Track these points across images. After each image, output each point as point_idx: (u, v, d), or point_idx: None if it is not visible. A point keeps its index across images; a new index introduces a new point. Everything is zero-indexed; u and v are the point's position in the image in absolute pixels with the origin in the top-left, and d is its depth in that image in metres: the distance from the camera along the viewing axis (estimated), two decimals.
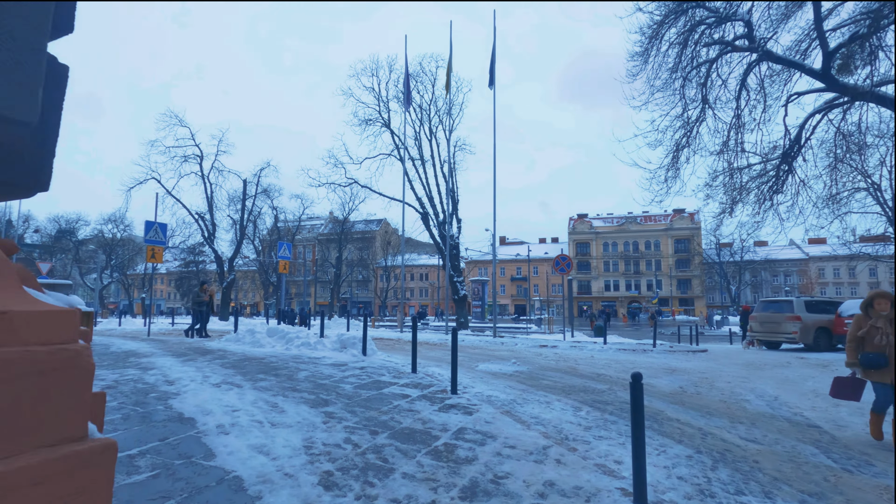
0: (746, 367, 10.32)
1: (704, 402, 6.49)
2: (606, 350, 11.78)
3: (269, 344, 9.19)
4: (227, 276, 31.80)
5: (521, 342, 13.13)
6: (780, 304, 14.49)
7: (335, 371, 6.78)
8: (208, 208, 31.16)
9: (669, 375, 8.62)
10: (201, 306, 14.33)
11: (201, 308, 14.31)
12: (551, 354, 10.85)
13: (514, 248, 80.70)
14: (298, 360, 7.62)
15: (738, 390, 7.52)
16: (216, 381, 5.73)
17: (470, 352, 11.09)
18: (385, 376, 6.51)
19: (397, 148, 24.97)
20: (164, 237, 12.67)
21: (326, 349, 8.56)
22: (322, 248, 75.73)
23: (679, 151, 12.08)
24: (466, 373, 7.64)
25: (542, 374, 7.98)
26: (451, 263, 25.00)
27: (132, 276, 76.57)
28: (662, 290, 75.94)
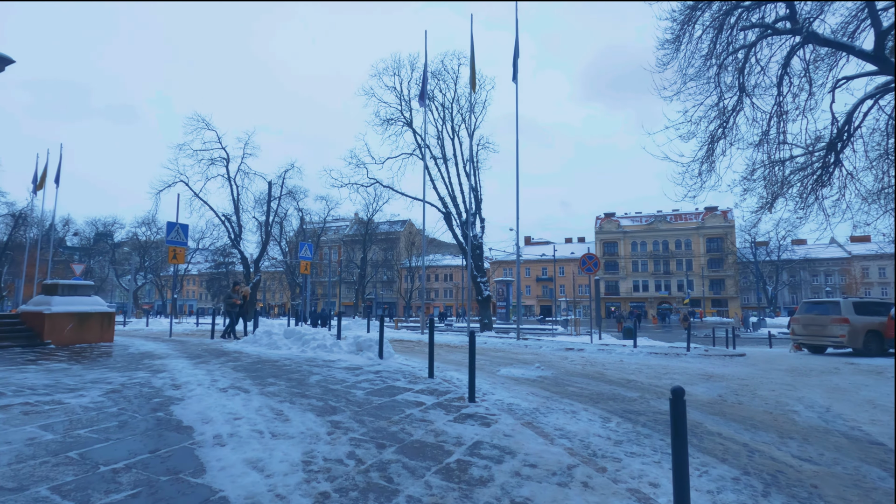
0: (791, 374, 9.59)
1: (748, 412, 5.92)
2: (636, 354, 11.18)
3: (285, 346, 9.00)
4: (252, 277, 32.18)
5: (546, 345, 12.63)
6: (826, 306, 13.55)
7: (348, 375, 6.49)
8: (234, 210, 31.62)
9: (706, 382, 8.03)
10: (233, 307, 13.86)
11: (234, 309, 13.84)
12: (577, 358, 10.34)
13: (539, 249, 79.66)
14: (312, 364, 7.37)
15: (785, 399, 6.90)
16: (224, 386, 5.51)
17: (492, 355, 10.68)
18: (400, 382, 6.18)
19: (419, 147, 24.72)
20: (185, 238, 12.71)
21: (342, 352, 8.30)
22: (347, 250, 76.38)
23: (714, 143, 11.39)
24: (486, 378, 7.25)
25: (568, 379, 7.52)
26: (474, 263, 24.60)
27: (165, 278, 78.93)
28: (694, 290, 73.66)
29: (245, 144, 31.85)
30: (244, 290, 14.77)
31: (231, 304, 13.83)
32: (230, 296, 14.19)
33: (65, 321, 9.23)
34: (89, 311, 9.72)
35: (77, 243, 73.68)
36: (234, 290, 14.49)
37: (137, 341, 11.12)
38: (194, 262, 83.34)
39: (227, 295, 14.35)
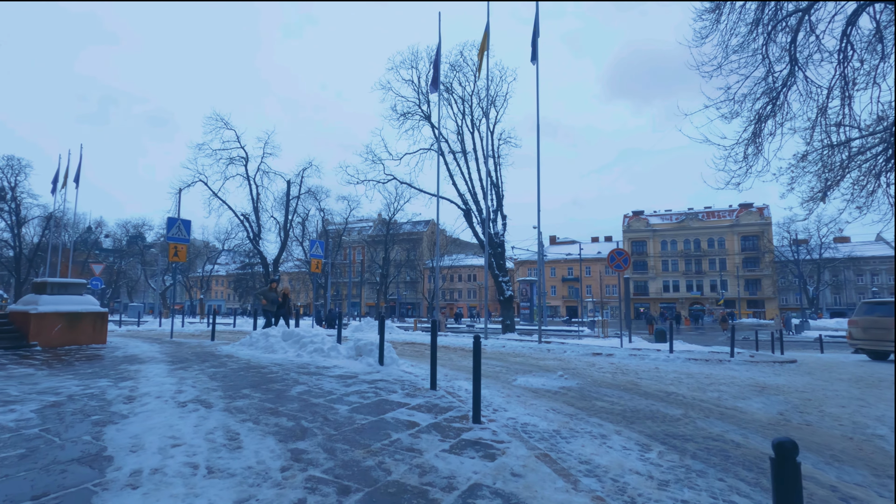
0: (857, 385, 8.27)
1: (821, 437, 4.78)
2: (673, 360, 9.99)
3: (281, 349, 8.22)
4: (272, 276, 31.88)
5: (571, 349, 11.53)
6: (890, 307, 12.01)
7: (338, 385, 5.62)
8: (253, 209, 31.41)
9: (760, 395, 6.84)
10: (273, 304, 12.46)
11: (272, 308, 12.44)
12: (606, 365, 9.24)
13: (564, 248, 77.80)
14: (303, 370, 6.53)
15: (861, 419, 5.69)
16: (186, 399, 4.70)
17: (510, 360, 9.67)
18: (395, 394, 5.26)
19: (437, 141, 23.83)
20: (187, 235, 12.14)
21: (340, 357, 7.45)
22: (370, 250, 76.21)
23: (762, 122, 10.09)
24: (500, 389, 6.27)
25: (596, 391, 6.47)
26: (495, 262, 23.58)
27: (193, 279, 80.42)
28: (728, 290, 70.62)
29: (265, 144, 31.63)
30: (284, 288, 13.61)
31: (272, 301, 12.49)
32: (266, 294, 12.74)
33: (53, 321, 8.69)
34: (80, 311, 9.17)
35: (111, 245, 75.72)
36: (271, 287, 13.07)
37: (134, 343, 10.57)
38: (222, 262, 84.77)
39: (262, 293, 12.92)
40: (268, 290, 12.92)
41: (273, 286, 13.04)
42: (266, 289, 13.08)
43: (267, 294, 12.78)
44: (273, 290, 12.91)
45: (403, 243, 75.13)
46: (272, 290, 12.89)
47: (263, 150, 31.63)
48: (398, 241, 70.85)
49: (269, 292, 12.80)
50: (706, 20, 10.74)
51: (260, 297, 12.76)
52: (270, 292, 12.80)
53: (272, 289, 12.95)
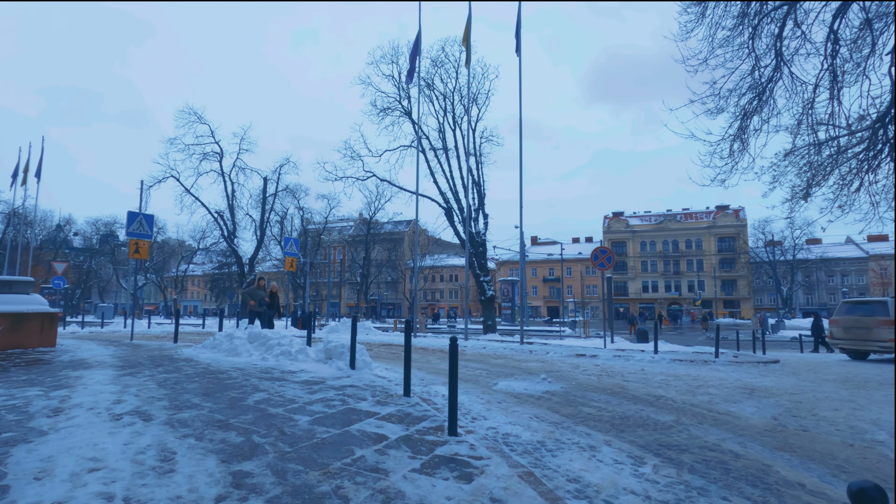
0: (845, 386, 8.09)
1: (822, 445, 4.47)
2: (658, 361, 9.71)
3: (246, 352, 7.64)
4: (247, 276, 30.96)
5: (554, 350, 11.18)
6: (872, 306, 11.99)
7: (302, 392, 5.10)
8: (228, 206, 30.46)
9: (751, 398, 6.56)
10: (261, 304, 11.33)
11: (261, 308, 11.31)
12: (591, 367, 8.89)
13: (546, 248, 78.04)
14: (266, 375, 5.99)
15: (857, 423, 5.43)
16: (123, 411, 4.14)
17: (491, 362, 9.26)
18: (365, 402, 4.78)
19: (418, 138, 23.35)
20: (150, 230, 11.39)
21: (309, 360, 6.92)
22: (351, 250, 75.22)
23: (747, 118, 9.89)
24: (480, 394, 5.84)
25: (582, 395, 6.09)
26: (477, 262, 23.20)
27: (168, 278, 78.19)
28: (705, 291, 71.71)
29: (241, 140, 30.74)
30: (272, 286, 12.40)
31: (260, 301, 11.35)
32: (252, 293, 11.50)
33: None
34: (26, 312, 8.42)
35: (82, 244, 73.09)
36: (258, 285, 11.89)
37: (88, 346, 9.82)
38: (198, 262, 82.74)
39: (249, 292, 11.62)
40: (254, 289, 11.77)
41: (260, 283, 11.98)
42: (252, 287, 11.95)
43: (254, 293, 11.58)
44: (261, 288, 11.80)
45: (385, 243, 74.32)
46: (259, 288, 11.81)
47: (239, 145, 30.76)
48: (379, 241, 70.08)
49: (256, 290, 11.68)
50: (691, 13, 10.51)
51: (246, 296, 11.76)
52: (258, 290, 11.69)
53: (259, 286, 11.87)
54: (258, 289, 11.66)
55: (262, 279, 12.21)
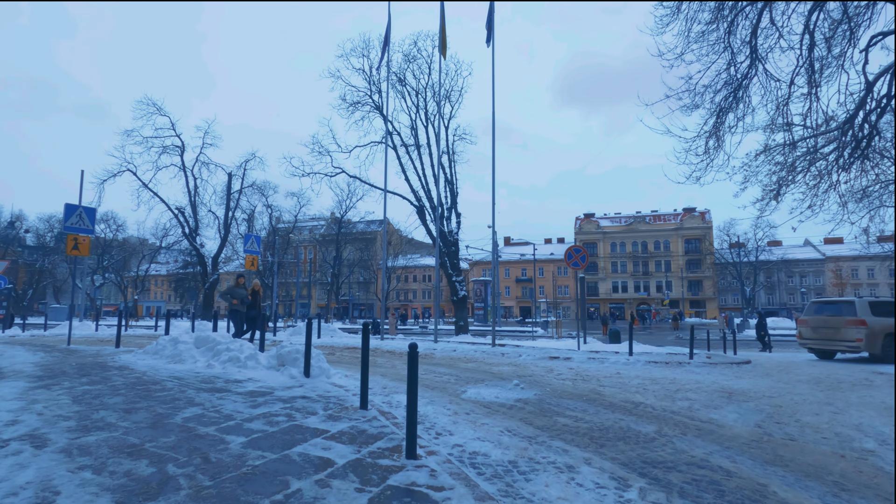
0: (819, 388, 7.94)
1: (813, 457, 4.13)
2: (633, 363, 9.41)
3: (190, 358, 6.92)
4: (210, 276, 29.64)
5: (527, 352, 10.77)
6: (839, 306, 12.06)
7: (244, 406, 4.48)
8: (190, 203, 29.05)
9: (731, 403, 6.26)
10: (244, 304, 10.26)
11: (243, 308, 10.22)
12: (565, 370, 8.50)
13: (518, 249, 78.31)
14: (205, 386, 5.33)
15: (843, 430, 5.17)
16: (14, 435, 3.45)
17: (461, 367, 8.76)
18: (314, 417, 4.20)
19: (389, 134, 22.72)
20: (91, 224, 10.41)
21: (259, 367, 6.27)
22: (322, 250, 73.69)
23: (723, 115, 9.72)
24: (447, 405, 5.32)
25: (557, 404, 5.65)
26: (449, 261, 22.73)
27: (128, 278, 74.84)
28: (673, 291, 73.29)
29: (205, 133, 29.40)
30: (254, 283, 11.07)
31: (243, 300, 10.22)
32: (233, 291, 10.27)
33: None
34: None
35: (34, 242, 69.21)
36: (238, 283, 10.66)
37: (14, 352, 8.84)
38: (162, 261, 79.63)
39: (230, 291, 10.34)
40: (235, 287, 10.60)
41: (240, 282, 10.78)
42: (233, 285, 10.72)
43: (235, 291, 10.36)
44: (241, 287, 10.60)
45: (357, 243, 73.02)
46: (240, 286, 10.62)
47: (203, 139, 29.41)
48: (351, 241, 68.82)
49: (237, 289, 10.49)
50: (667, 8, 10.29)
51: (227, 296, 10.36)
52: (238, 289, 10.51)
53: (240, 284, 10.70)
54: (238, 287, 10.57)
55: (242, 277, 10.98)
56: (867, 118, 8.54)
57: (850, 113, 9.21)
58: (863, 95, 8.84)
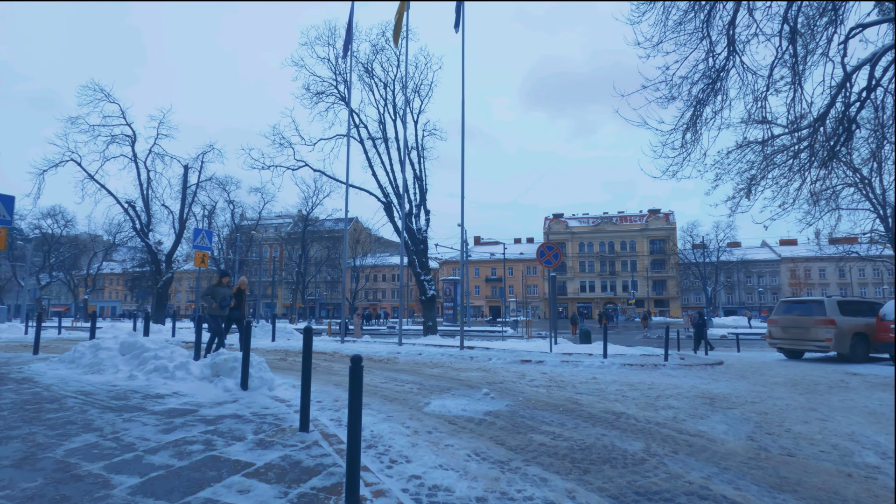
0: (798, 391, 7.65)
1: (819, 477, 3.64)
2: (608, 366, 8.95)
3: (112, 367, 5.97)
4: (164, 274, 27.91)
5: (497, 355, 10.18)
6: (809, 306, 12.00)
7: (153, 431, 3.66)
8: (142, 196, 27.24)
9: (714, 411, 5.81)
10: (224, 308, 8.95)
11: (223, 312, 8.95)
12: (538, 375, 7.93)
13: (488, 248, 78.19)
14: (115, 404, 4.45)
15: (837, 440, 4.75)
16: None
17: (425, 373, 8.06)
18: (240, 443, 3.42)
19: (356, 127, 21.81)
20: (8, 215, 9.18)
21: (190, 378, 5.40)
22: (287, 247, 71.58)
23: (700, 107, 9.38)
24: (406, 421, 4.62)
25: (532, 416, 5.03)
26: (417, 260, 21.99)
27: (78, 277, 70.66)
28: (638, 290, 74.70)
29: (159, 124, 27.64)
30: (240, 282, 9.66)
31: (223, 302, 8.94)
32: (213, 292, 8.94)
33: None
34: None
35: None
36: (220, 283, 9.23)
37: None
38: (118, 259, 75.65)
39: (210, 291, 8.98)
40: (216, 286, 9.12)
41: (223, 281, 9.30)
42: (214, 284, 9.17)
43: (214, 292, 8.95)
44: (223, 286, 9.16)
45: (325, 241, 71.16)
46: (221, 286, 9.16)
47: (157, 129, 27.63)
48: (319, 239, 67.04)
49: (218, 288, 9.06)
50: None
51: (207, 298, 8.91)
52: (219, 288, 9.08)
53: (222, 284, 9.22)
54: (220, 286, 9.16)
55: (227, 275, 9.48)
56: (846, 111, 8.31)
57: (823, 109, 8.99)
58: (837, 88, 8.62)
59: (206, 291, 9.16)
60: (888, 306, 11.44)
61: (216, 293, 9.05)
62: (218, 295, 9.04)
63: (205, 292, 9.21)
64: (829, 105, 8.82)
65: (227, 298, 9.09)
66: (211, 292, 9.09)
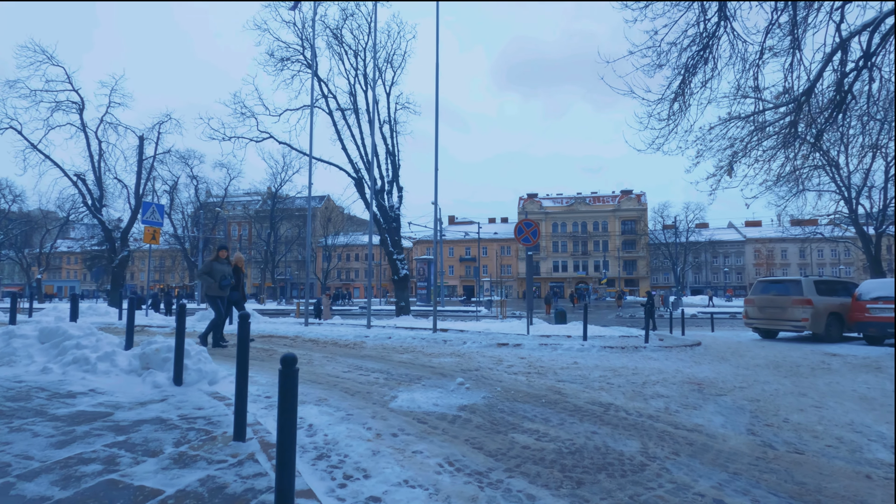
0: (781, 373, 7.38)
1: (838, 482, 3.20)
2: (588, 349, 8.52)
3: (26, 358, 5.11)
4: (119, 253, 26.24)
5: (472, 338, 9.63)
6: (786, 285, 11.87)
7: (44, 444, 2.91)
8: (93, 168, 25.33)
9: (705, 400, 5.39)
10: (225, 287, 7.95)
11: (223, 292, 7.96)
12: (516, 360, 7.41)
13: (463, 227, 77.68)
14: (7, 407, 3.65)
15: (839, 432, 4.38)
16: None
17: (394, 359, 7.43)
18: (153, 459, 2.72)
19: (325, 98, 20.60)
20: None
21: (114, 371, 4.62)
22: (256, 225, 69.28)
23: (689, 75, 8.84)
24: (368, 421, 3.98)
25: (511, 411, 4.47)
26: (390, 238, 21.19)
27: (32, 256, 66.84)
28: (609, 270, 75.80)
29: (111, 91, 25.58)
30: (236, 257, 8.75)
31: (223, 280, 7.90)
32: (210, 269, 7.92)
33: None
34: None
35: None
36: (218, 257, 8.14)
37: None
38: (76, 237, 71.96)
39: (206, 270, 7.97)
40: (214, 261, 8.08)
41: (221, 255, 8.23)
42: (212, 259, 8.15)
43: (212, 269, 7.91)
44: (221, 261, 8.12)
45: (295, 219, 69.14)
46: (219, 261, 8.10)
47: (109, 97, 25.59)
48: (289, 217, 65.02)
49: (216, 264, 8.01)
50: None
51: (204, 276, 7.97)
52: (218, 264, 8.03)
53: (219, 258, 8.14)
54: (217, 261, 8.07)
55: (224, 248, 8.41)
56: (842, 81, 7.89)
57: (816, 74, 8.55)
58: (831, 53, 8.17)
59: (204, 268, 8.05)
60: (864, 286, 11.41)
61: (214, 271, 7.92)
62: (217, 272, 7.91)
63: (202, 270, 8.12)
64: (821, 69, 8.37)
65: (227, 277, 7.99)
66: (208, 271, 7.94)
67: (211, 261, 8.17)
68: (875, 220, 26.22)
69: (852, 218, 24.98)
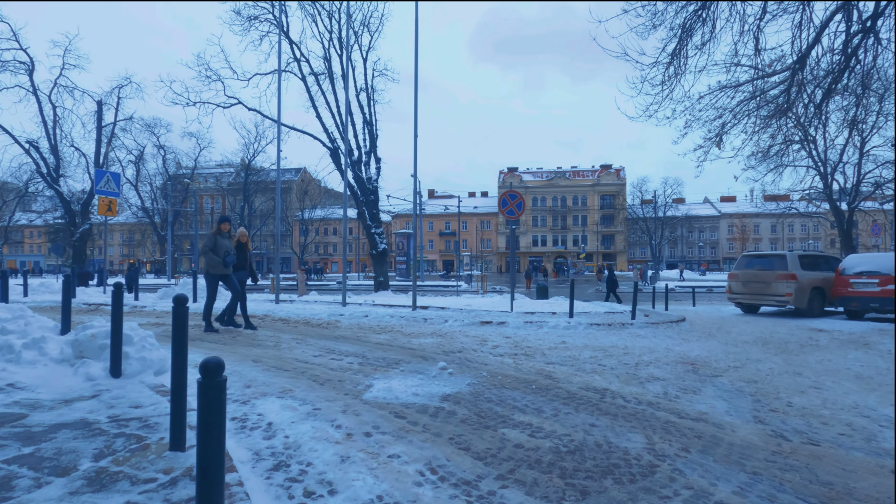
0: (770, 351, 7.17)
1: (866, 479, 2.87)
2: (575, 327, 8.17)
3: None
4: (79, 226, 24.83)
5: (454, 316, 9.18)
6: (770, 260, 11.72)
7: None
8: (47, 135, 23.64)
9: (704, 383, 5.06)
10: (228, 265, 7.30)
11: (227, 270, 7.31)
12: (501, 340, 7.00)
13: (442, 201, 76.84)
14: None
15: (848, 417, 4.10)
16: None
17: (370, 341, 6.93)
18: (63, 479, 2.17)
19: (297, 61, 19.40)
20: None
21: (43, 361, 3.99)
22: (230, 199, 67.10)
23: (686, 36, 8.30)
24: (337, 417, 3.48)
25: (501, 399, 4.04)
26: (368, 212, 20.47)
27: None
28: (588, 245, 76.39)
29: (65, 51, 23.72)
30: (240, 232, 8.02)
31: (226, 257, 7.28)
32: (214, 244, 7.26)
33: None
34: None
35: None
36: (220, 230, 7.46)
37: None
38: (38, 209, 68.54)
39: (210, 246, 7.28)
40: (216, 234, 7.41)
41: (223, 228, 7.54)
42: (214, 232, 7.45)
43: (216, 244, 7.27)
44: (224, 235, 7.45)
45: (270, 192, 67.15)
46: (222, 235, 7.41)
47: (63, 58, 23.74)
48: (264, 190, 63.05)
49: (218, 239, 7.34)
50: None
51: (208, 253, 7.27)
52: (220, 238, 7.36)
53: (220, 232, 7.44)
54: (219, 235, 7.40)
55: (227, 222, 7.68)
56: (848, 43, 7.47)
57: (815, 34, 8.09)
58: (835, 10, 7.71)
59: (208, 244, 7.28)
60: (848, 260, 11.34)
61: (217, 246, 7.24)
62: (220, 248, 7.23)
63: (206, 246, 7.31)
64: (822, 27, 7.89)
65: (230, 253, 7.34)
66: (211, 246, 7.23)
67: (213, 234, 7.46)
68: (848, 195, 26.56)
69: (827, 193, 25.21)
